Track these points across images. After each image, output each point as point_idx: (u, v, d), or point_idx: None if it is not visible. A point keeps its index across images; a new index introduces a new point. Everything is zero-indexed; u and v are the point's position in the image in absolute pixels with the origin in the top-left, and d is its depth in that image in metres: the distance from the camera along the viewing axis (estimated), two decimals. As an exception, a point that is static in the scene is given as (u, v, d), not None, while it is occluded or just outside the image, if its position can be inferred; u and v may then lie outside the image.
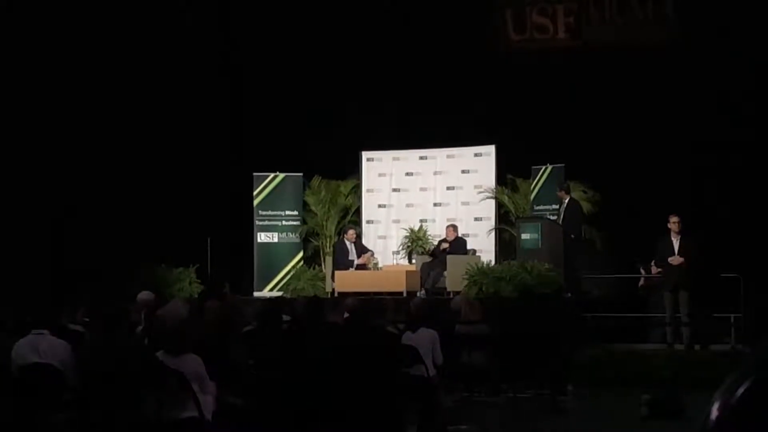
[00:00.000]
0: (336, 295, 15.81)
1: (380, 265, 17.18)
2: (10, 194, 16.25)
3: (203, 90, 18.48)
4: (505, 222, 17.23)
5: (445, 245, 16.61)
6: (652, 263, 14.42)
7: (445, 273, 16.12)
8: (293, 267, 17.91)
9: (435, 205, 18.11)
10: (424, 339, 9.50)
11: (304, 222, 18.14)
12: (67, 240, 16.91)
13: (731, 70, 16.35)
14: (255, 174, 18.18)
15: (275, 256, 18.12)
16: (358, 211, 18.26)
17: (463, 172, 17.89)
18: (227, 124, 19.28)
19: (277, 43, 18.67)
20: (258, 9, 18.86)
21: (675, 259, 13.96)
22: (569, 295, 15.20)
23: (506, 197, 17.18)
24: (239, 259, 18.21)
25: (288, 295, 16.36)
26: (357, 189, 18.24)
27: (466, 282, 15.25)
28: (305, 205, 18.18)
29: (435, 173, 18.13)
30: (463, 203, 17.79)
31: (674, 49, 16.90)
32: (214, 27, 19.09)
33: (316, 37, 18.34)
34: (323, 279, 17.09)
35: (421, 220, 17.85)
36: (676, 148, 16.45)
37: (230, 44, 19.43)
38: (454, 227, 16.87)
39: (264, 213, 18.18)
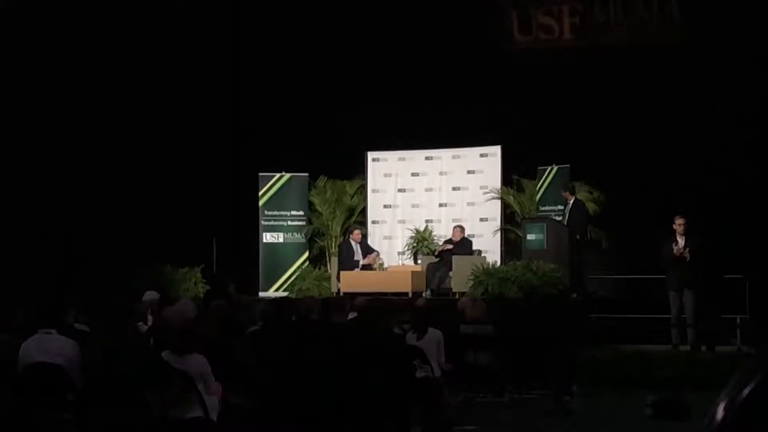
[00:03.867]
0: (341, 295, 15.80)
1: (386, 265, 17.17)
2: (16, 195, 16.27)
3: (208, 90, 18.50)
4: (510, 222, 17.23)
5: (449, 246, 16.59)
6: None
7: (451, 273, 16.12)
8: (299, 267, 17.92)
9: (440, 205, 18.09)
10: (430, 340, 9.51)
11: (309, 222, 18.15)
12: (72, 240, 16.93)
13: (736, 70, 16.33)
14: (260, 174, 18.18)
15: (281, 256, 18.12)
16: (363, 212, 18.26)
17: (469, 172, 17.88)
18: (232, 124, 19.29)
19: (282, 42, 18.68)
20: (264, 8, 18.87)
21: (680, 250, 13.90)
22: (574, 295, 15.20)
23: (512, 198, 17.18)
24: (245, 260, 18.20)
25: (294, 296, 16.38)
26: (362, 189, 18.25)
27: (471, 282, 15.25)
28: (311, 205, 18.19)
29: (440, 174, 18.11)
30: (469, 204, 17.78)
31: (680, 50, 16.87)
32: (218, 27, 19.10)
33: (321, 36, 18.35)
34: (329, 279, 17.10)
35: (427, 221, 17.85)
36: (682, 148, 16.42)
37: (235, 43, 19.44)
38: (461, 228, 16.84)
39: (269, 213, 18.18)
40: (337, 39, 18.24)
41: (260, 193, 18.15)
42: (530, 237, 15.63)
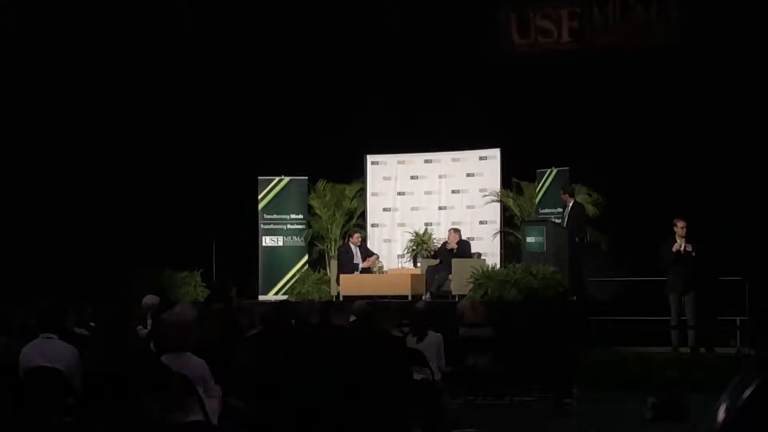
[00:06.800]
0: (341, 298, 15.81)
1: (385, 268, 17.17)
2: (18, 198, 16.28)
3: (208, 93, 18.49)
4: (510, 225, 17.23)
5: (452, 246, 16.55)
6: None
7: (450, 276, 16.11)
8: (298, 270, 17.91)
9: (440, 208, 18.10)
10: (429, 343, 9.51)
11: (309, 225, 18.14)
12: (73, 243, 16.93)
13: (735, 72, 16.34)
14: (260, 177, 18.18)
15: (280, 259, 18.11)
16: (363, 215, 18.27)
17: (468, 175, 17.89)
18: (232, 128, 19.29)
19: (282, 45, 18.69)
20: (264, 12, 18.88)
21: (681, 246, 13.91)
22: (574, 298, 15.19)
23: (511, 200, 17.18)
24: (244, 263, 18.20)
25: (293, 299, 16.38)
26: (362, 192, 18.25)
27: (471, 285, 15.24)
28: (310, 208, 18.18)
29: (440, 176, 18.12)
30: (468, 206, 17.79)
31: (678, 52, 16.88)
32: (219, 30, 19.10)
33: (321, 40, 18.35)
34: (328, 282, 17.09)
35: (426, 224, 17.85)
36: (681, 151, 16.44)
37: (235, 47, 19.45)
38: (456, 231, 16.80)
39: (269, 216, 18.18)
40: (336, 42, 18.24)
41: (260, 196, 18.14)
42: (530, 240, 15.63)
